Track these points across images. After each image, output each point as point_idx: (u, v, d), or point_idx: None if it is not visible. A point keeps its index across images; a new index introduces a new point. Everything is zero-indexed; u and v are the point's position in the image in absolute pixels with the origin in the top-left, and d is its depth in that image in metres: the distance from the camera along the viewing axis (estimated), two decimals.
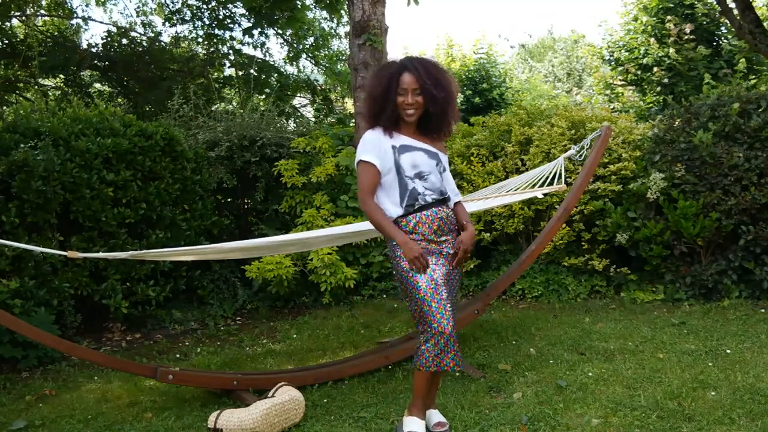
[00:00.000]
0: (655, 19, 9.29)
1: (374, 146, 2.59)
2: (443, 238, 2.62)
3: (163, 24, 10.76)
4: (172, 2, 10.61)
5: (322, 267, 5.07)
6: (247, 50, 11.02)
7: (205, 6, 10.64)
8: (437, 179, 2.62)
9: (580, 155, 3.88)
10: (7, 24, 9.96)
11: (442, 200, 2.64)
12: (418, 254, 2.49)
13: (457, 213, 2.75)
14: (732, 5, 6.11)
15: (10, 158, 4.07)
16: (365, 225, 3.48)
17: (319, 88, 11.17)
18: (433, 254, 2.59)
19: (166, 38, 12.12)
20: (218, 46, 10.98)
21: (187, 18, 10.63)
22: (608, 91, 10.21)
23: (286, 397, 2.90)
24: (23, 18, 10.07)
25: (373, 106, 2.63)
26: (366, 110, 2.70)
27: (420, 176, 2.59)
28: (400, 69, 2.57)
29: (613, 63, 9.96)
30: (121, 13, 24.58)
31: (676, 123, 5.10)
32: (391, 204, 2.60)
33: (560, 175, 3.82)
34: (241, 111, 6.82)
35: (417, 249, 2.50)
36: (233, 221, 5.84)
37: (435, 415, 2.74)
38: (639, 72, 9.33)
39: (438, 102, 2.56)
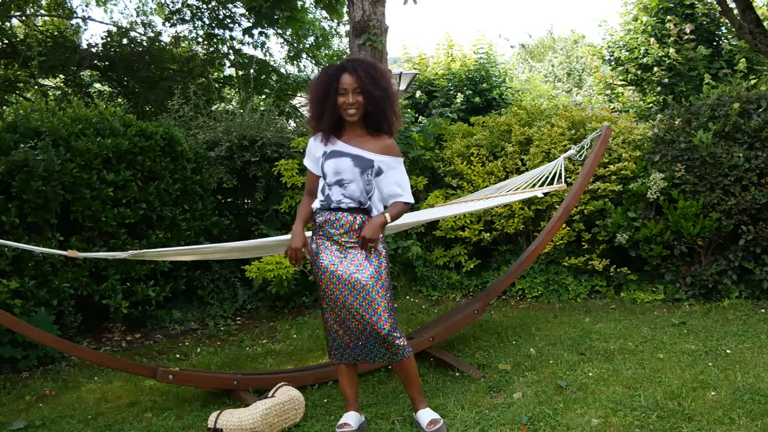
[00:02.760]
0: (655, 19, 9.31)
1: (310, 153, 2.80)
2: (352, 244, 2.68)
3: (163, 24, 10.76)
4: (172, 2, 10.61)
5: None
6: (247, 50, 11.04)
7: (205, 6, 10.64)
8: (357, 188, 2.67)
9: (580, 155, 3.87)
10: (7, 24, 9.96)
11: (361, 209, 2.69)
12: (295, 247, 2.70)
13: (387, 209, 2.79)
14: (732, 5, 6.11)
15: (10, 158, 4.06)
16: None
17: None
18: (340, 250, 2.69)
19: (166, 38, 12.13)
20: (218, 46, 10.98)
21: (187, 18, 10.63)
22: (608, 91, 10.23)
23: (286, 397, 2.90)
24: (23, 18, 10.06)
25: (314, 109, 2.72)
26: (309, 114, 2.78)
27: (340, 183, 2.68)
28: (339, 71, 2.66)
29: (613, 63, 9.98)
30: (121, 13, 24.67)
31: (676, 123, 5.10)
32: (317, 197, 2.78)
33: (560, 175, 3.81)
34: (241, 111, 6.81)
35: (297, 242, 2.71)
36: (233, 221, 5.84)
37: (427, 414, 2.74)
38: (639, 72, 9.34)
39: (376, 101, 2.64)
